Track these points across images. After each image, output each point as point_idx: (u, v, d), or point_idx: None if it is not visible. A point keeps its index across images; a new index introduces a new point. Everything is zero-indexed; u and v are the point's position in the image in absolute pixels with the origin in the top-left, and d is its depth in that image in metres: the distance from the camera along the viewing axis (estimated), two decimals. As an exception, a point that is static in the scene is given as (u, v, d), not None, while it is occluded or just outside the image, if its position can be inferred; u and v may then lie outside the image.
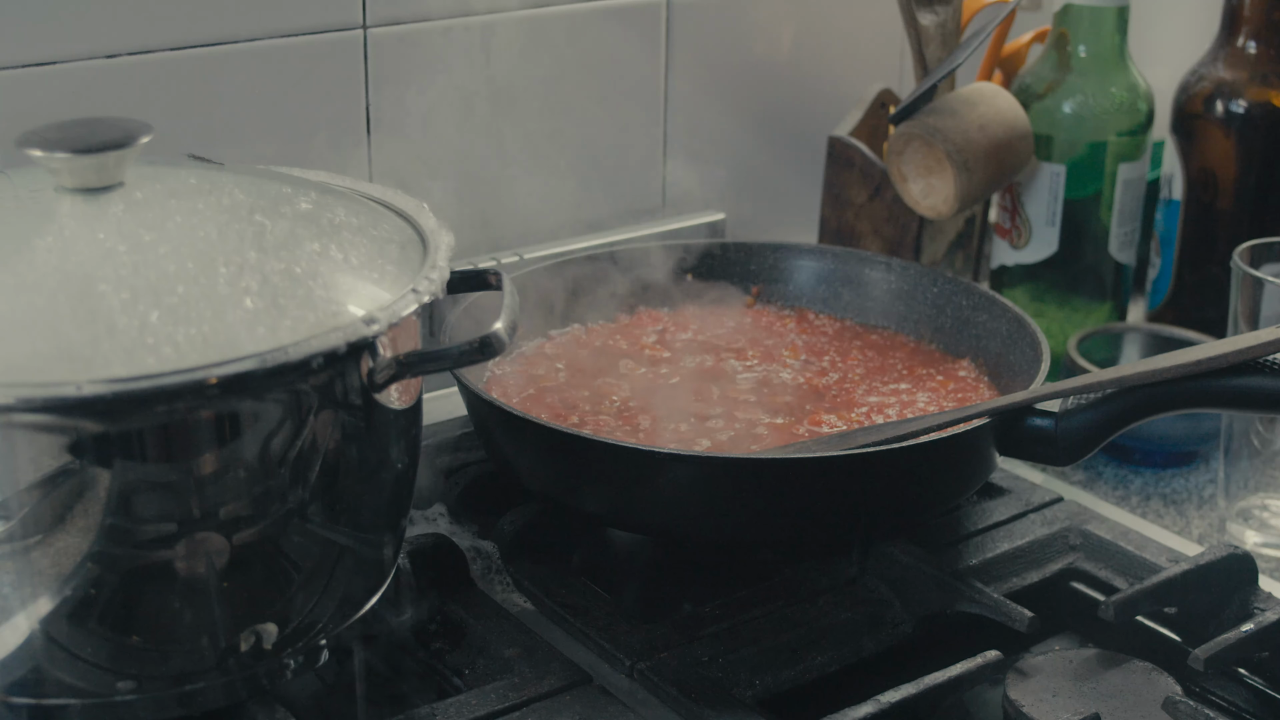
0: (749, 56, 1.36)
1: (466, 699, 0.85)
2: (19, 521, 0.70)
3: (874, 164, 1.29)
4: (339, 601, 0.81)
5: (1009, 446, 0.95)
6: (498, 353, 0.78)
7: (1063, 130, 1.25)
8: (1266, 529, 1.09)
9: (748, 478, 0.90)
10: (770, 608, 0.94)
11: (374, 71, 1.16)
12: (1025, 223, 1.28)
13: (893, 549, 0.95)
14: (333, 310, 0.75)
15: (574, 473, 0.94)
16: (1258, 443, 1.08)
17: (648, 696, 0.87)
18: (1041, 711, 0.85)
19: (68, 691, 0.75)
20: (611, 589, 0.97)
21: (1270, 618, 0.91)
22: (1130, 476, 1.19)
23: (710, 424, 1.02)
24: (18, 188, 0.81)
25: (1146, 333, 1.27)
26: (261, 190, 0.85)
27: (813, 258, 1.22)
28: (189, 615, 0.74)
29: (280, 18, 1.11)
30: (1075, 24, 1.24)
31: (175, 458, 0.71)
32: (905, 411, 1.05)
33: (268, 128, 1.12)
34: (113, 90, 1.05)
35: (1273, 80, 1.25)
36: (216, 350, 0.70)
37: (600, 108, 1.27)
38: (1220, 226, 1.28)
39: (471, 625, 0.91)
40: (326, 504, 0.77)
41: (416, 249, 0.83)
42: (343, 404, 0.76)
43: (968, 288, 1.14)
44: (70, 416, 0.69)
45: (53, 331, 0.70)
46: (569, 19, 1.23)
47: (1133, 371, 0.91)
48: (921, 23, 1.21)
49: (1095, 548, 1.01)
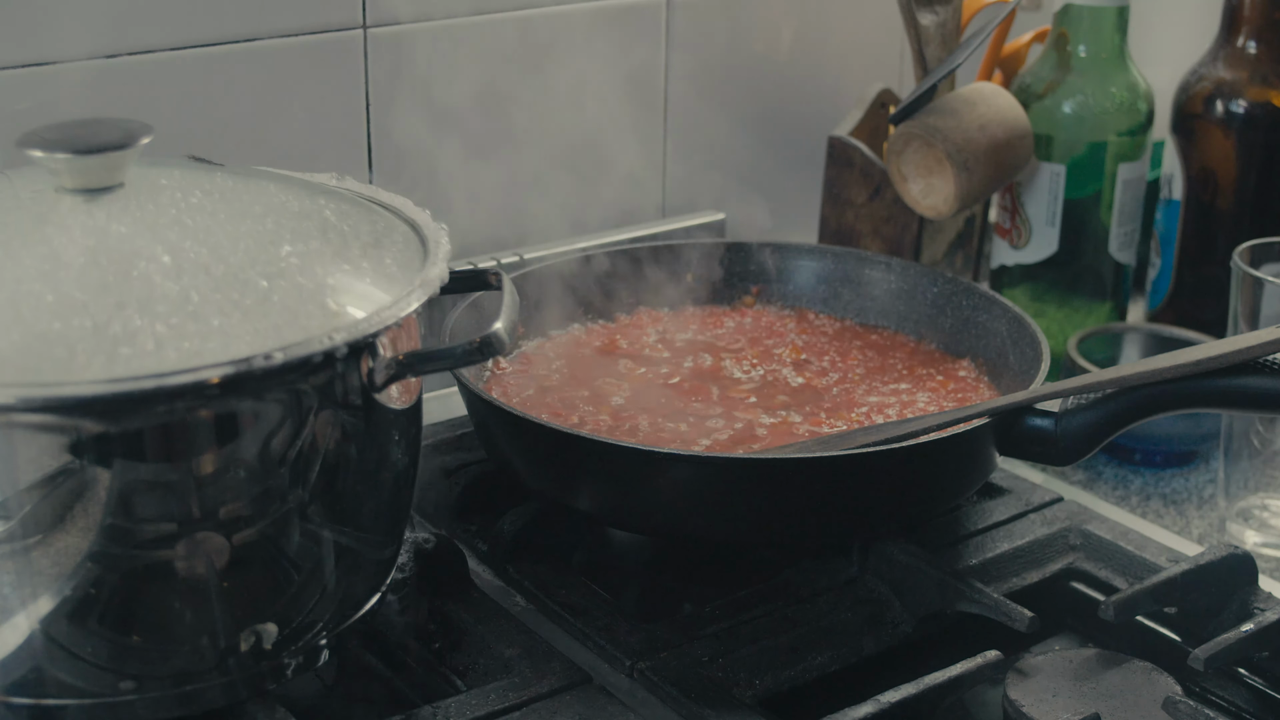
0: (749, 56, 1.36)
1: (466, 699, 0.85)
2: (19, 521, 0.70)
3: (874, 164, 1.29)
4: (339, 601, 0.81)
5: (1009, 446, 0.95)
6: (498, 353, 0.78)
7: (1063, 130, 1.25)
8: (1266, 529, 1.09)
9: (748, 478, 0.90)
10: (770, 608, 0.94)
11: (374, 71, 1.16)
12: (1025, 223, 1.28)
13: (893, 549, 0.95)
14: (333, 310, 0.75)
15: (574, 473, 0.94)
16: (1258, 443, 1.08)
17: (648, 696, 0.87)
18: (1041, 711, 0.85)
19: (68, 691, 0.75)
20: (611, 589, 0.97)
21: (1270, 618, 0.91)
22: (1130, 476, 1.19)
23: (710, 424, 1.02)
24: (18, 188, 0.81)
25: (1146, 333, 1.27)
26: (261, 191, 0.84)
27: (813, 258, 1.22)
28: (189, 615, 0.74)
29: (280, 18, 1.11)
30: (1075, 24, 1.24)
31: (175, 458, 0.71)
32: (905, 411, 1.05)
33: (267, 128, 1.12)
34: (113, 90, 1.05)
35: (1273, 80, 1.25)
36: (216, 350, 0.70)
37: (600, 108, 1.27)
38: (1220, 226, 1.28)
39: (471, 625, 0.91)
40: (326, 504, 0.77)
41: (416, 249, 0.83)
42: (343, 404, 0.76)
43: (968, 288, 1.14)
44: (70, 416, 0.69)
45: (53, 331, 0.70)
46: (569, 19, 1.23)
47: (1133, 371, 0.91)
48: (921, 23, 1.21)
49: (1095, 548, 1.01)
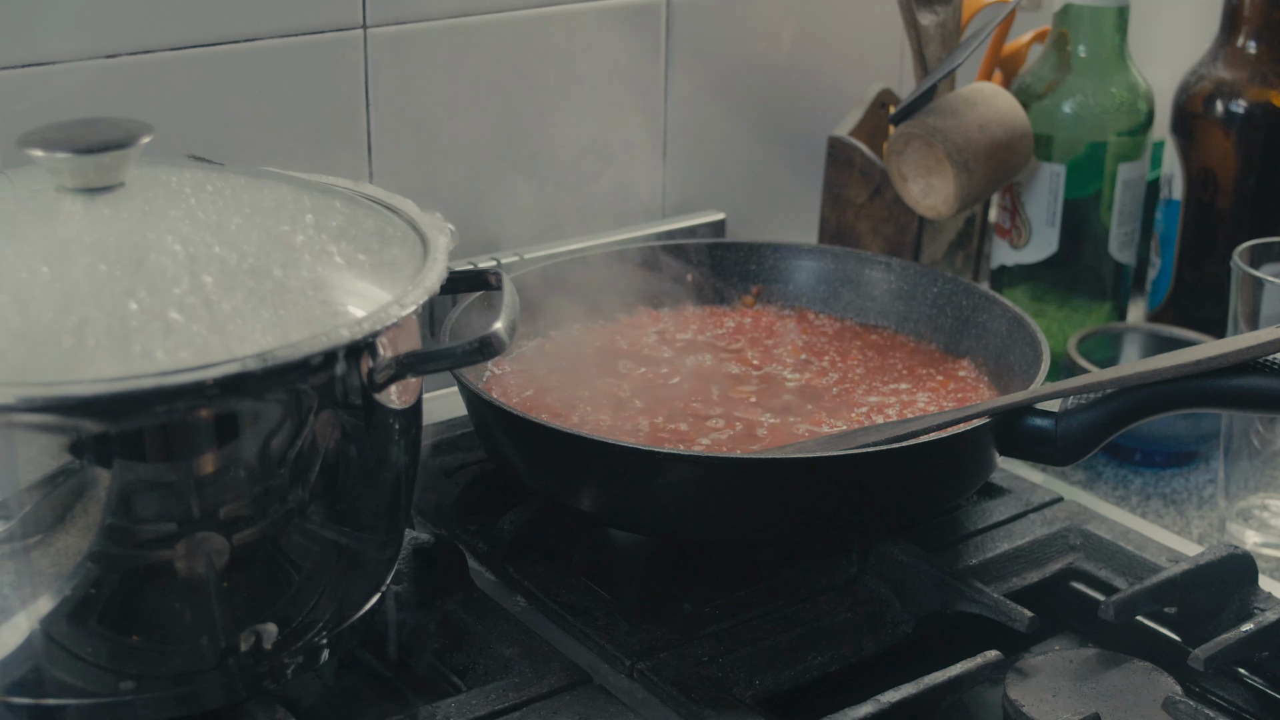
0: (749, 56, 1.36)
1: (466, 699, 0.85)
2: (19, 521, 0.70)
3: (874, 164, 1.29)
4: (339, 601, 0.81)
5: (1009, 446, 0.95)
6: (498, 353, 0.78)
7: (1063, 130, 1.25)
8: (1266, 529, 1.09)
9: (748, 478, 0.90)
10: (770, 608, 0.94)
11: (374, 71, 1.16)
12: (1025, 223, 1.28)
13: (893, 549, 0.95)
14: (332, 310, 0.75)
15: (574, 473, 0.94)
16: (1258, 443, 1.08)
17: (648, 696, 0.87)
18: (1041, 711, 0.85)
19: (68, 691, 0.75)
20: (611, 589, 0.97)
21: (1270, 618, 0.91)
22: (1130, 476, 1.19)
23: (710, 424, 1.02)
24: (18, 188, 0.81)
25: (1146, 333, 1.27)
26: (261, 191, 0.85)
27: (813, 258, 1.22)
28: (189, 615, 0.74)
29: (280, 18, 1.11)
30: (1075, 24, 1.24)
31: (175, 458, 0.71)
32: (905, 411, 1.05)
33: (268, 128, 1.12)
34: (113, 90, 1.05)
35: (1273, 80, 1.25)
36: (216, 350, 0.70)
37: (600, 108, 1.27)
38: (1220, 226, 1.28)
39: (471, 625, 0.91)
40: (326, 504, 0.77)
41: (416, 249, 0.83)
42: (343, 404, 0.76)
43: (968, 288, 1.14)
44: (70, 416, 0.69)
45: (53, 331, 0.70)
46: (569, 19, 1.23)
47: (1133, 371, 0.91)
48: (921, 23, 1.21)
49: (1095, 548, 1.01)
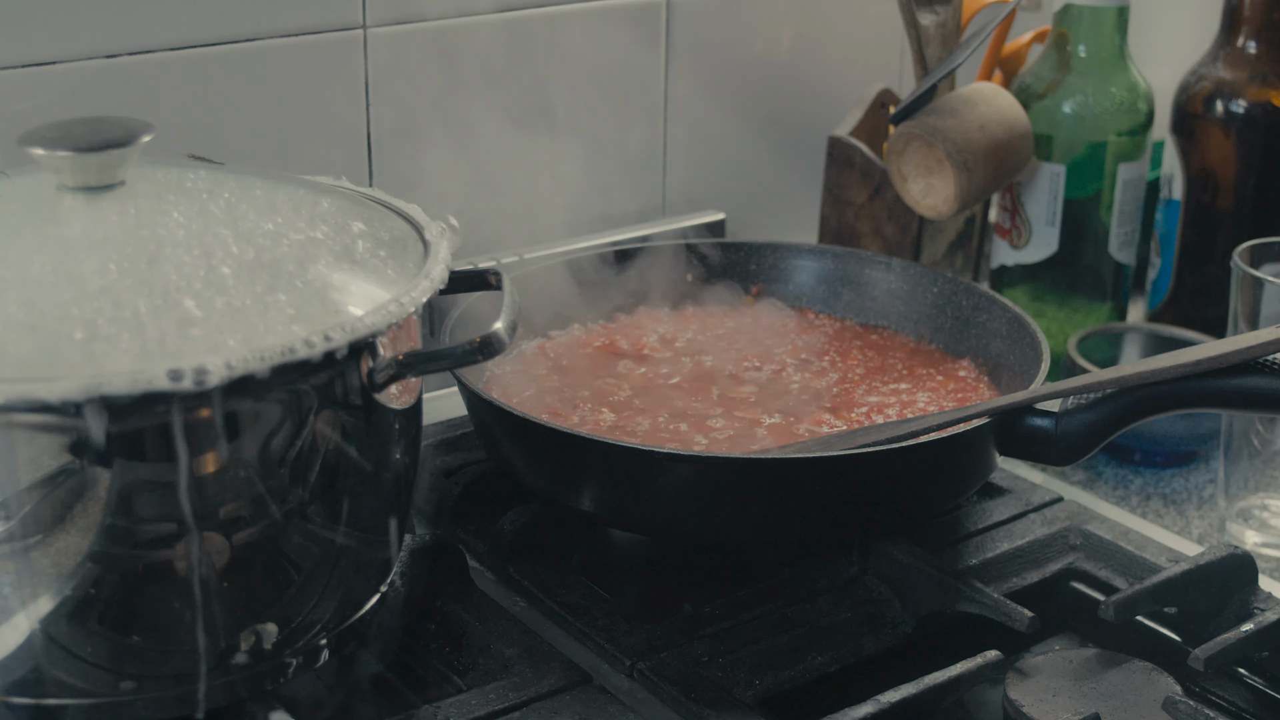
0: (749, 57, 1.36)
1: (466, 699, 0.85)
2: (19, 521, 0.70)
3: (874, 164, 1.29)
4: (339, 601, 0.81)
5: (1009, 446, 0.95)
6: (498, 353, 0.78)
7: (1063, 130, 1.25)
8: (1266, 529, 1.09)
9: (748, 478, 0.90)
10: (770, 608, 0.94)
11: (374, 71, 1.16)
12: (1025, 223, 1.28)
13: (893, 549, 0.95)
14: (333, 310, 0.75)
15: (574, 473, 0.94)
16: (1258, 443, 1.08)
17: (648, 696, 0.87)
18: (1041, 711, 0.85)
19: (68, 691, 0.75)
20: (611, 589, 0.97)
21: (1270, 618, 0.91)
22: (1130, 476, 1.19)
23: (710, 424, 1.02)
24: (18, 187, 0.81)
25: (1146, 333, 1.27)
26: (261, 190, 0.84)
27: (813, 258, 1.22)
28: (189, 615, 0.74)
29: (280, 18, 1.11)
30: (1075, 24, 1.24)
31: (175, 458, 0.71)
32: (905, 411, 1.05)
33: (268, 128, 1.12)
34: (113, 90, 1.05)
35: (1273, 80, 1.25)
36: (216, 350, 0.70)
37: (600, 108, 1.27)
38: (1220, 226, 1.28)
39: (471, 625, 0.91)
40: (326, 504, 0.77)
41: (416, 249, 0.83)
42: (343, 404, 0.76)
43: (968, 288, 1.14)
44: (70, 416, 0.69)
45: (53, 330, 0.70)
46: (568, 18, 1.23)
47: (1133, 371, 0.91)
48: (921, 23, 1.21)
49: (1095, 548, 1.01)
